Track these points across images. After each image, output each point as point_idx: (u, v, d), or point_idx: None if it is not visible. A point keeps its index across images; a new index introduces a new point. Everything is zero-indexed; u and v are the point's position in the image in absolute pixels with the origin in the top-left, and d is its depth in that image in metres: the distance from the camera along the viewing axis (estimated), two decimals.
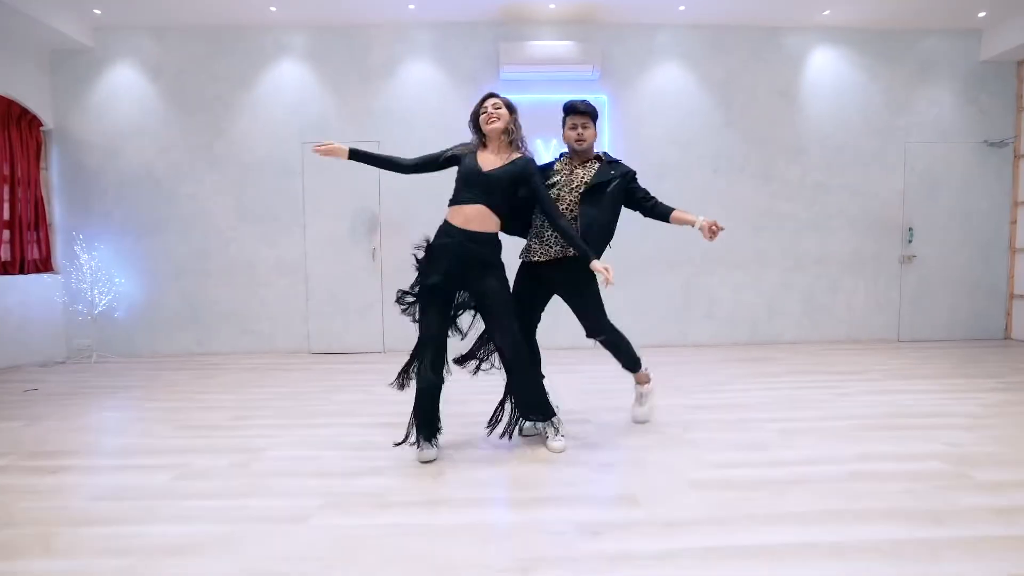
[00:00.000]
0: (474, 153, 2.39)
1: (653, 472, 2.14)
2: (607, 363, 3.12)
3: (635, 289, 4.92)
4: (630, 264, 4.90)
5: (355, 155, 2.45)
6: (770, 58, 4.89)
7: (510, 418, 2.51)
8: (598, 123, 2.63)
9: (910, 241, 5.01)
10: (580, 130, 2.50)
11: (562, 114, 2.57)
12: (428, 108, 4.80)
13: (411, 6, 4.47)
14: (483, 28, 4.77)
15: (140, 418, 3.00)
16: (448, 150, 2.45)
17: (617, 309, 4.88)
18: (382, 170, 2.73)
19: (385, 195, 4.80)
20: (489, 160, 2.35)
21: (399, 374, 2.40)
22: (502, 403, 2.53)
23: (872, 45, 4.90)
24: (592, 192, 2.45)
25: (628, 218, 5.04)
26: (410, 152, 4.31)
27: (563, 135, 2.57)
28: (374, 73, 4.80)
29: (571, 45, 4.57)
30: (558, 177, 2.52)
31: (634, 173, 2.57)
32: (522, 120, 2.42)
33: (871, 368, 3.98)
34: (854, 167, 4.96)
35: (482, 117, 2.37)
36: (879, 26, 4.84)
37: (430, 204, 4.77)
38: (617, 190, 2.48)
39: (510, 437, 2.49)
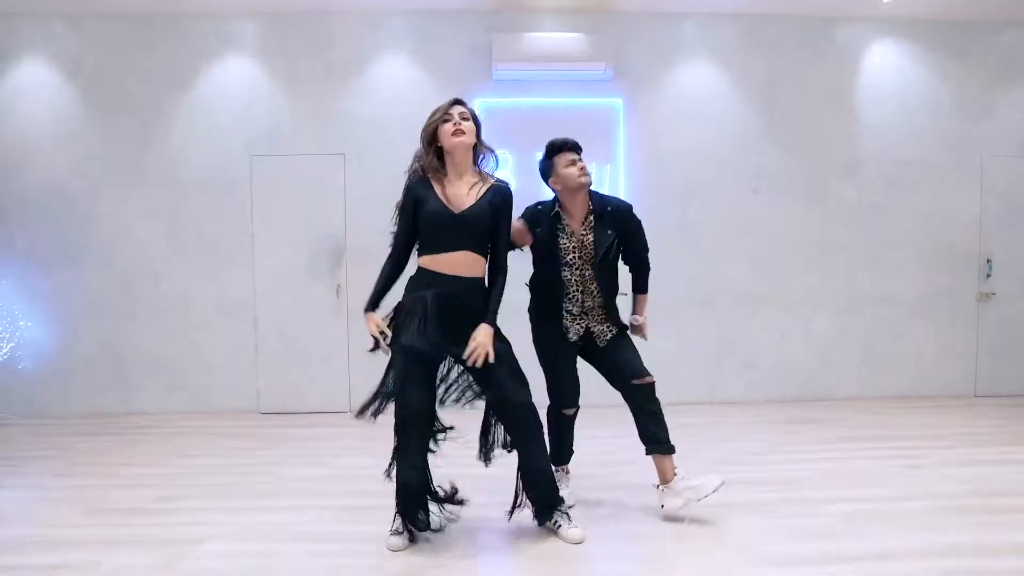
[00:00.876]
0: (430, 185, 2.08)
1: (683, 571, 1.93)
2: (613, 427, 2.91)
3: (659, 336, 4.53)
4: (652, 306, 4.51)
5: (374, 306, 2.19)
6: (821, 54, 4.47)
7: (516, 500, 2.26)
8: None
9: (989, 275, 4.59)
10: (583, 165, 2.40)
11: (546, 160, 2.44)
12: (404, 112, 4.35)
13: None
14: (472, 17, 4.36)
15: (45, 498, 2.74)
16: (402, 198, 2.12)
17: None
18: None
19: (352, 220, 4.37)
20: (457, 194, 2.08)
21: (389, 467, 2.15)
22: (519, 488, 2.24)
23: (943, 38, 4.46)
24: (603, 260, 2.42)
25: (651, 252, 4.65)
26: (379, 164, 3.89)
27: (560, 178, 2.40)
28: (339, 70, 4.38)
29: (579, 38, 4.17)
30: (566, 241, 2.43)
31: (626, 213, 2.51)
32: (519, 128, 2.22)
33: (946, 432, 3.62)
34: (921, 186, 4.52)
35: (445, 127, 2.05)
36: (952, 16, 4.43)
37: None
38: (615, 244, 2.48)
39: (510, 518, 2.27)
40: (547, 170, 2.43)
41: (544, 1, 4.26)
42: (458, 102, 2.13)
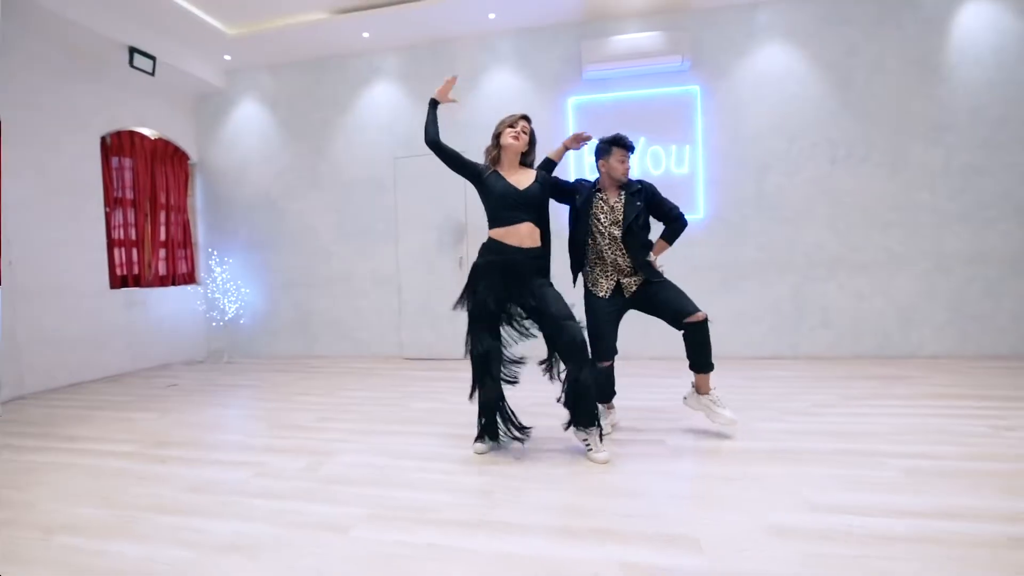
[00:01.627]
0: (496, 173, 2.44)
1: (729, 509, 1.83)
2: (685, 376, 2.82)
3: (737, 297, 4.42)
4: (730, 269, 4.43)
5: (435, 105, 2.57)
6: (902, 24, 4.13)
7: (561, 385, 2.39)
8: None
9: None
10: (628, 163, 2.59)
11: (605, 145, 2.60)
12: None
13: (491, 15, 4.48)
14: (565, 29, 4.63)
15: (246, 415, 3.31)
16: (476, 165, 2.49)
17: (717, 319, 4.47)
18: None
19: (471, 204, 4.84)
20: (517, 179, 2.42)
21: (471, 391, 2.50)
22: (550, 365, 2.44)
23: None
24: (631, 227, 2.55)
25: (727, 221, 4.59)
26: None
27: (608, 165, 2.59)
28: (459, 85, 4.86)
29: (657, 36, 4.25)
30: (600, 210, 2.59)
31: (653, 189, 2.63)
32: (607, 118, 2.45)
33: None
34: (1020, 143, 4.00)
35: (509, 131, 2.42)
36: None
37: None
38: (644, 214, 2.59)
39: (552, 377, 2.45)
40: (600, 153, 2.60)
41: (627, 8, 4.41)
42: (524, 118, 2.46)
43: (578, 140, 2.58)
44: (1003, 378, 3.53)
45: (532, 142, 2.49)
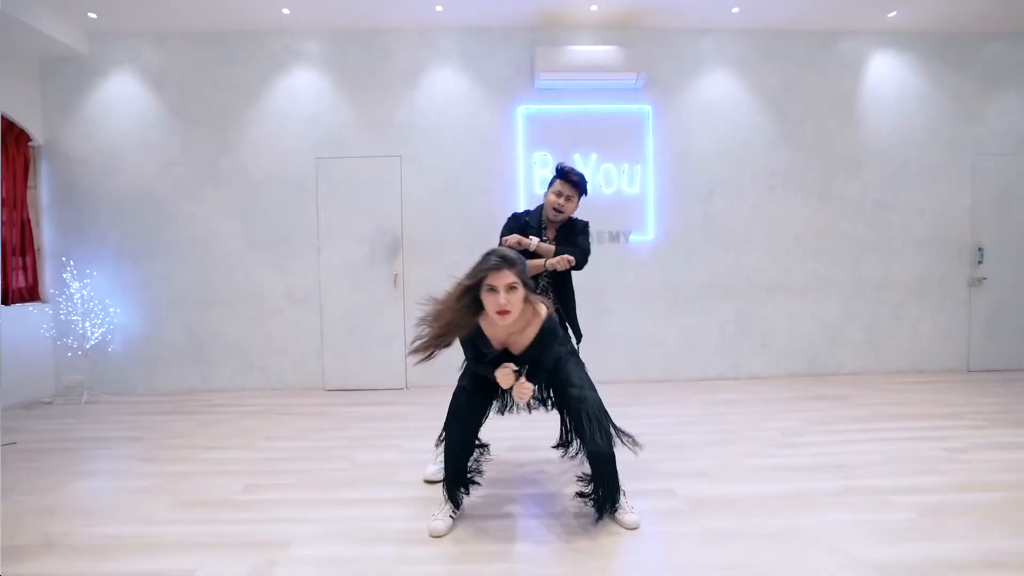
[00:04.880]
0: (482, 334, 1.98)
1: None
2: (665, 404, 2.66)
3: (685, 319, 4.44)
4: (678, 292, 4.44)
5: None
6: (827, 65, 4.46)
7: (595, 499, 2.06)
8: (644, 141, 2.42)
9: (980, 262, 4.55)
10: (563, 201, 2.38)
11: (553, 173, 2.44)
12: (455, 119, 4.34)
13: (438, 7, 4.03)
14: (517, 33, 4.33)
15: (133, 488, 2.48)
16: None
17: (667, 341, 4.44)
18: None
19: (408, 215, 4.33)
20: (509, 340, 2.01)
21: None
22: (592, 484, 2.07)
23: (938, 50, 4.47)
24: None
25: (675, 244, 4.58)
26: (433, 165, 3.97)
27: (545, 195, 2.44)
28: (396, 82, 4.34)
29: (614, 50, 4.12)
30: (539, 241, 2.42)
31: (584, 225, 2.51)
32: (558, 131, 2.17)
33: (962, 410, 3.49)
34: (918, 183, 4.52)
35: (489, 299, 1.85)
36: (946, 29, 4.41)
37: (456, 223, 4.33)
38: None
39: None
40: (548, 187, 2.46)
41: (583, 18, 4.21)
42: (511, 265, 1.86)
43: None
44: (917, 392, 3.96)
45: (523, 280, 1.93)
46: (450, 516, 2.03)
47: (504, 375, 1.91)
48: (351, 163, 4.34)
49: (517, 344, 1.98)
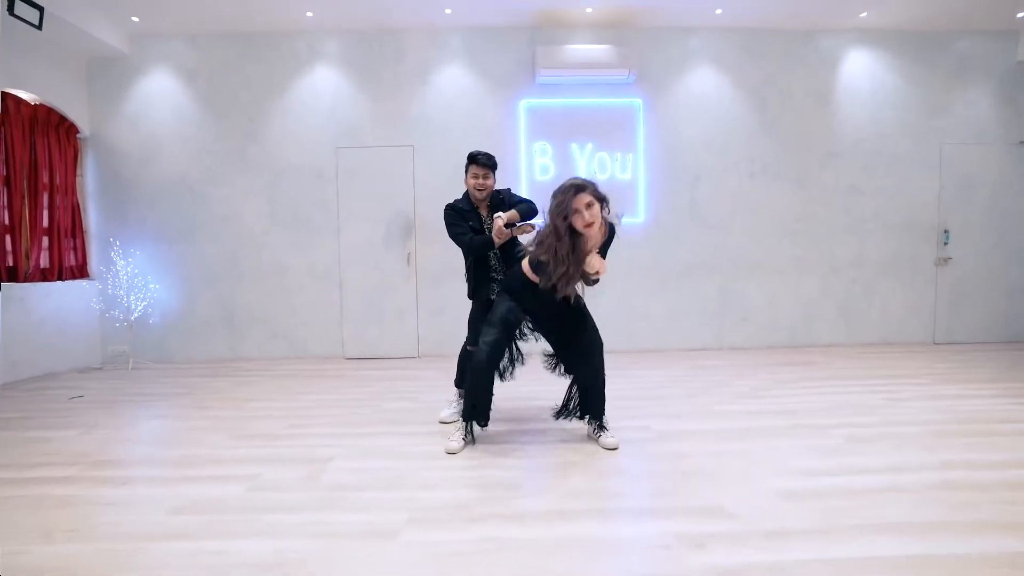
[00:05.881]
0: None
1: (735, 480, 2.09)
2: (653, 369, 3.07)
3: (672, 295, 4.87)
4: (666, 270, 4.86)
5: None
6: (805, 61, 4.85)
7: (565, 402, 2.64)
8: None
9: (946, 243, 4.95)
10: (482, 180, 2.74)
11: (467, 161, 2.79)
12: (462, 112, 4.77)
13: (447, 10, 4.44)
14: (517, 32, 4.74)
15: (194, 427, 2.94)
16: None
17: (654, 315, 4.87)
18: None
19: (420, 200, 4.76)
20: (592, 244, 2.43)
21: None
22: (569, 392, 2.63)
23: (908, 47, 4.86)
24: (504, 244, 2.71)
25: (664, 226, 5.00)
26: (442, 154, 4.38)
27: (466, 181, 2.79)
28: (408, 78, 4.76)
29: (607, 49, 4.52)
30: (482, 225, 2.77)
31: (508, 191, 2.85)
32: (557, 123, 3.07)
33: (918, 372, 3.92)
34: (889, 170, 4.91)
35: (579, 219, 2.27)
36: (915, 27, 4.79)
37: None
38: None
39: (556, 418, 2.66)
40: (466, 173, 2.79)
41: (579, 19, 4.60)
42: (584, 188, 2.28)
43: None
44: (880, 360, 4.36)
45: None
46: (463, 440, 2.49)
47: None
48: (367, 152, 4.77)
49: (595, 240, 2.35)
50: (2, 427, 2.96)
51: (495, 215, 2.68)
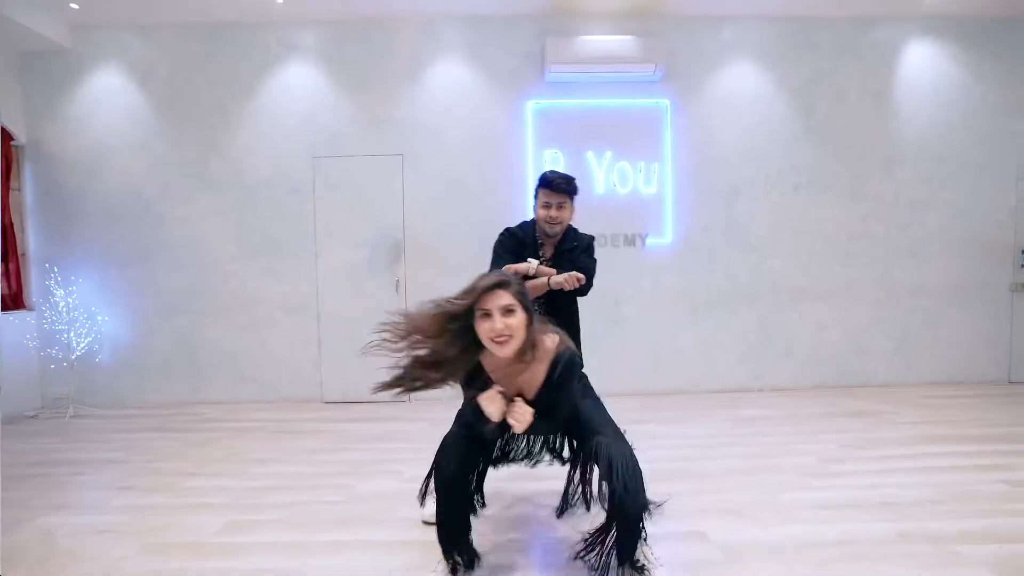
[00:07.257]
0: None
1: None
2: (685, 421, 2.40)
3: (704, 327, 4.18)
4: (698, 298, 4.18)
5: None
6: (860, 55, 4.15)
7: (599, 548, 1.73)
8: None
9: (1023, 266, 4.25)
10: (554, 211, 2.16)
11: (537, 183, 2.24)
12: (460, 115, 4.09)
13: None
14: (525, 22, 4.06)
15: (103, 525, 2.23)
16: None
17: (684, 350, 4.18)
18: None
19: (410, 217, 4.08)
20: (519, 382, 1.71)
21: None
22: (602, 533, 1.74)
23: (977, 37, 4.16)
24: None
25: (695, 247, 4.29)
26: (436, 164, 3.71)
27: (534, 209, 2.24)
28: (397, 76, 4.09)
29: (630, 40, 3.84)
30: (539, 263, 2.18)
31: (589, 242, 2.29)
32: (570, 128, 2.32)
33: (1016, 431, 3.17)
34: (958, 182, 4.21)
35: (484, 326, 1.57)
36: (986, 13, 4.09)
37: (461, 226, 4.08)
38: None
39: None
40: (535, 199, 2.24)
41: (596, 6, 3.91)
42: (506, 287, 1.58)
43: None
44: (955, 405, 3.69)
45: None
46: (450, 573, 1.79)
47: (490, 398, 1.63)
48: (350, 162, 4.10)
49: (529, 385, 1.71)
50: None
51: (528, 259, 2.08)
